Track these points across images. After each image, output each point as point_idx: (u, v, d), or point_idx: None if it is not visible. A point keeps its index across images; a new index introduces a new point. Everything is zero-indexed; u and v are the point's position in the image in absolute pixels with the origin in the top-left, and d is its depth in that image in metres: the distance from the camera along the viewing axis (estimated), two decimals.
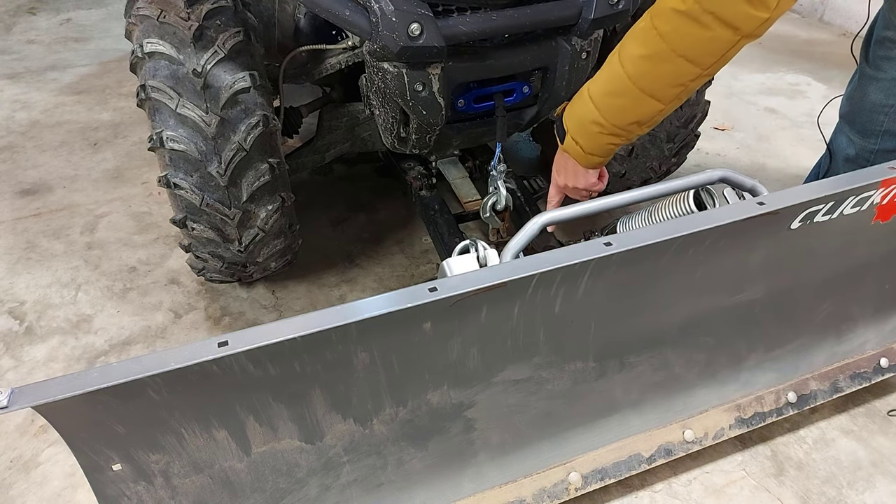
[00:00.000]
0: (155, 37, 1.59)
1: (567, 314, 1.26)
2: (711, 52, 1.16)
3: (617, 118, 1.28)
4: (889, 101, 1.80)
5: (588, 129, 1.33)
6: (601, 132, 1.31)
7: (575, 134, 1.36)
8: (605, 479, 1.44)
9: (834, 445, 1.64)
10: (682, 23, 1.14)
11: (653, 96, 1.24)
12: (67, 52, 3.82)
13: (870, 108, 1.85)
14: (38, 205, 2.53)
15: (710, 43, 1.14)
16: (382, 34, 1.41)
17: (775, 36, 4.20)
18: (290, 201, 1.76)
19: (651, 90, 1.23)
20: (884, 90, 1.81)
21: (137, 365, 0.96)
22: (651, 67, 1.20)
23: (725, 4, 1.09)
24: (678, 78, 1.20)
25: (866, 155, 1.91)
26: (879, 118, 1.84)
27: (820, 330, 1.62)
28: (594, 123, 1.31)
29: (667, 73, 1.20)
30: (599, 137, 1.32)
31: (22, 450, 1.64)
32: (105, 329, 1.99)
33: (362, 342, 1.09)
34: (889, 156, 1.86)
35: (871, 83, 1.83)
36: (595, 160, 1.40)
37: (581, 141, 1.36)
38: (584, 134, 1.34)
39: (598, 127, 1.31)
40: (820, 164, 2.16)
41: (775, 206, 1.27)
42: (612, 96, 1.27)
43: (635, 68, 1.22)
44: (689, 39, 1.15)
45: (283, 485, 1.22)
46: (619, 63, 1.24)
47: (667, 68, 1.19)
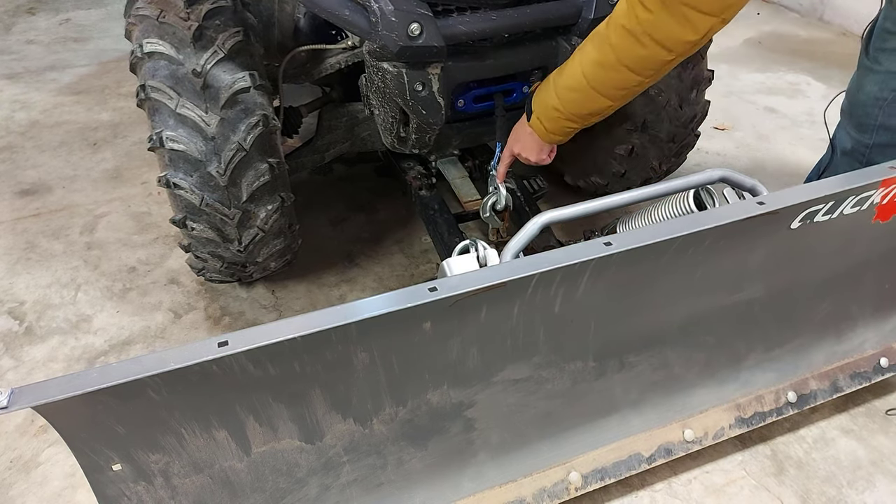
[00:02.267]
0: (154, 37, 1.59)
1: (567, 314, 1.26)
2: (650, 66, 1.35)
3: (573, 108, 1.49)
4: (884, 95, 1.79)
5: (550, 114, 1.53)
6: (560, 117, 1.52)
7: (539, 115, 1.56)
8: (605, 478, 1.44)
9: (834, 445, 1.64)
10: (627, 39, 1.32)
11: (603, 95, 1.43)
12: (67, 53, 3.82)
13: (865, 101, 1.84)
14: (37, 205, 2.53)
15: (648, 59, 1.33)
16: (382, 34, 1.41)
17: (775, 35, 4.20)
18: (289, 201, 1.76)
19: (601, 90, 1.42)
20: (879, 83, 1.79)
21: (137, 365, 0.96)
22: (602, 72, 1.40)
23: (660, 29, 1.27)
24: (623, 83, 1.40)
25: (862, 149, 1.90)
26: (874, 111, 1.82)
27: (820, 329, 1.62)
28: (555, 109, 1.51)
29: (614, 79, 1.39)
30: (559, 121, 1.53)
31: (22, 450, 1.64)
32: (105, 329, 1.99)
33: (362, 342, 1.09)
34: (884, 150, 1.86)
35: (868, 75, 1.82)
36: (555, 138, 1.60)
37: (544, 121, 1.56)
38: (546, 117, 1.54)
39: (558, 113, 1.51)
40: (821, 161, 2.16)
41: (775, 205, 1.27)
42: (570, 90, 1.47)
43: (589, 71, 1.41)
44: (632, 54, 1.33)
45: (283, 485, 1.22)
46: (579, 63, 1.44)
47: (614, 75, 1.38)
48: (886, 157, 1.84)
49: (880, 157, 1.86)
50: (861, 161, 1.92)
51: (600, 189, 2.36)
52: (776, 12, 4.58)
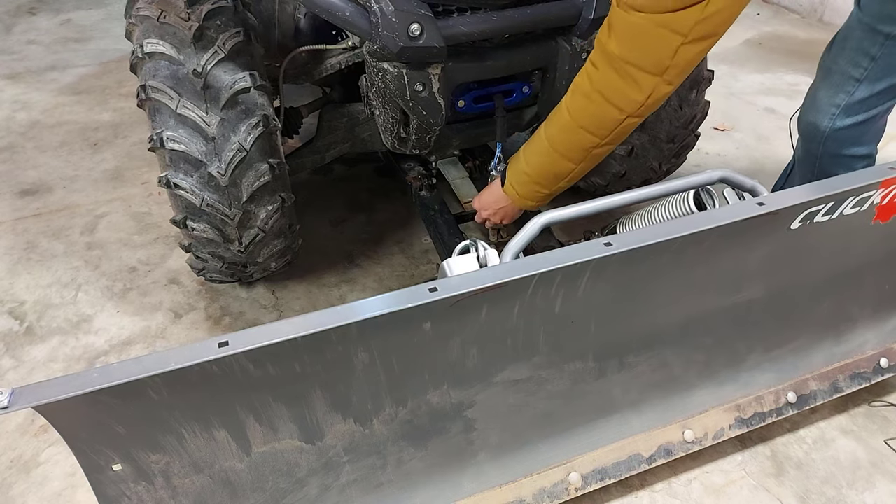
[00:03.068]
0: (155, 37, 1.59)
1: (567, 314, 1.26)
2: (604, 126, 1.39)
3: (539, 171, 1.57)
4: (836, 101, 1.73)
5: (520, 178, 1.61)
6: (529, 181, 1.60)
7: (512, 180, 1.64)
8: (605, 479, 1.44)
9: (833, 445, 1.64)
10: (580, 98, 1.39)
11: (565, 157, 1.49)
12: (67, 53, 3.82)
13: (818, 107, 1.77)
14: (38, 205, 2.53)
15: (600, 117, 1.38)
16: (382, 34, 1.41)
17: (775, 36, 4.20)
18: (290, 201, 1.76)
19: (563, 152, 1.49)
20: (834, 86, 1.73)
21: (137, 365, 0.96)
22: (561, 134, 1.47)
23: (607, 86, 1.33)
24: (581, 144, 1.45)
25: (812, 159, 1.85)
26: (823, 121, 1.76)
27: (819, 330, 1.63)
28: (524, 173, 1.60)
29: (572, 140, 1.46)
30: (529, 185, 1.61)
31: (22, 450, 1.64)
32: (105, 329, 1.99)
33: (362, 342, 1.10)
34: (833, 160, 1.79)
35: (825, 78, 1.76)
36: (527, 203, 1.67)
37: (517, 186, 1.63)
38: (518, 181, 1.63)
39: (527, 177, 1.59)
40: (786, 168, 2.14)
41: (775, 206, 1.27)
42: (536, 154, 1.56)
43: (552, 133, 1.50)
44: (585, 113, 1.40)
45: (283, 485, 1.22)
46: (544, 127, 1.53)
47: (572, 136, 1.45)
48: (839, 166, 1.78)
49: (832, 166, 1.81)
50: (812, 171, 1.87)
51: (600, 189, 2.36)
52: (776, 13, 4.59)
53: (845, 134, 1.75)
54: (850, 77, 1.70)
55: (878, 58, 1.64)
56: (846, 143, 1.77)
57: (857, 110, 1.72)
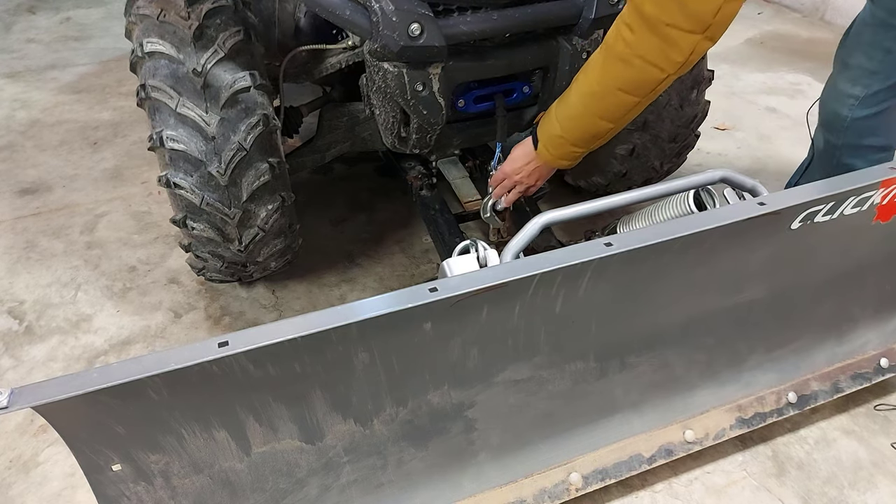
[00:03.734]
0: (155, 36, 1.58)
1: (568, 314, 1.25)
2: (644, 87, 1.36)
3: (575, 134, 1.51)
4: (854, 91, 1.78)
5: (555, 142, 1.56)
6: (565, 143, 1.54)
7: (545, 143, 1.58)
8: (605, 479, 1.43)
9: (835, 445, 1.63)
10: (617, 63, 1.35)
11: (602, 118, 1.45)
12: (67, 51, 3.82)
13: (836, 97, 1.83)
14: (37, 204, 2.53)
15: (640, 80, 1.35)
16: (383, 34, 1.41)
17: (776, 35, 4.20)
18: (290, 201, 1.76)
19: (601, 115, 1.45)
20: (851, 79, 1.78)
21: (137, 365, 0.96)
22: (597, 101, 1.43)
23: (647, 49, 1.29)
24: (621, 106, 1.42)
25: (831, 150, 1.89)
26: (843, 112, 1.81)
27: (821, 330, 1.62)
28: (559, 137, 1.54)
29: (611, 103, 1.42)
30: (564, 147, 1.55)
31: (22, 450, 1.63)
32: (105, 329, 1.99)
33: (363, 342, 1.09)
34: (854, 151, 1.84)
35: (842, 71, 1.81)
36: (563, 163, 1.62)
37: (551, 150, 1.58)
38: (552, 145, 1.57)
39: (563, 140, 1.54)
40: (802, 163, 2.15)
41: (776, 206, 1.27)
42: (570, 119, 1.50)
43: (586, 100, 1.45)
44: (624, 77, 1.36)
45: (283, 485, 1.22)
46: (576, 92, 1.47)
47: (611, 99, 1.41)
48: (857, 157, 1.84)
49: (850, 157, 1.86)
50: (832, 163, 1.91)
51: (601, 189, 2.36)
52: (777, 12, 4.58)
53: (864, 124, 1.80)
54: (867, 70, 1.75)
55: (893, 51, 1.70)
56: (865, 133, 1.82)
57: (875, 102, 1.77)
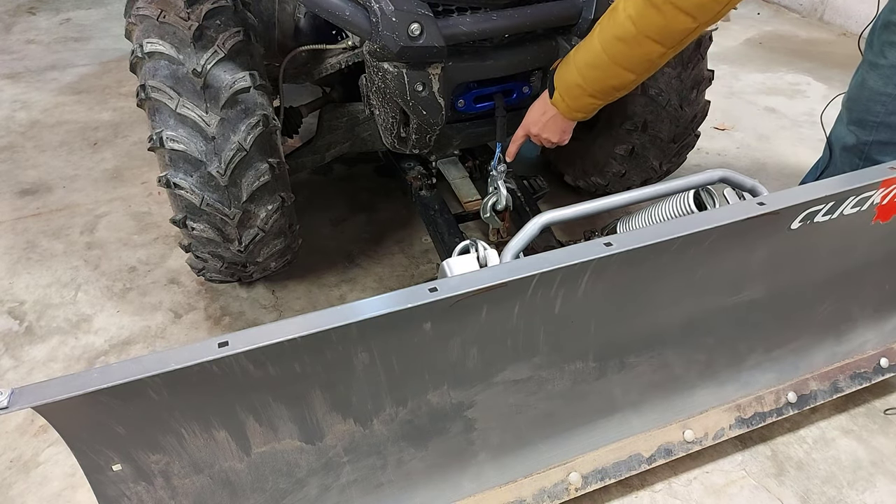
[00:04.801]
0: (155, 37, 1.59)
1: (567, 314, 1.26)
2: (673, 35, 1.32)
3: (596, 85, 1.46)
4: (888, 90, 1.78)
5: (573, 92, 1.51)
6: (583, 94, 1.49)
7: (562, 92, 1.53)
8: (605, 479, 1.44)
9: (834, 445, 1.64)
10: (646, 10, 1.29)
11: (626, 69, 1.40)
12: (67, 52, 3.82)
13: (867, 96, 1.83)
14: (37, 205, 2.53)
15: (670, 27, 1.30)
16: (382, 34, 1.41)
17: (776, 35, 4.20)
18: (290, 201, 1.76)
19: (625, 65, 1.39)
20: (884, 78, 1.79)
21: (137, 365, 0.96)
22: (624, 48, 1.36)
23: None
24: (648, 56, 1.37)
25: (861, 146, 1.90)
26: (876, 108, 1.82)
27: (820, 330, 1.62)
28: (577, 87, 1.48)
29: (637, 52, 1.36)
30: (582, 98, 1.51)
31: (22, 450, 1.64)
32: (105, 329, 1.99)
33: (362, 342, 1.09)
34: (884, 147, 1.85)
35: (872, 70, 1.82)
36: (577, 115, 1.58)
37: (567, 100, 1.53)
38: (569, 95, 1.52)
39: (581, 90, 1.49)
40: (819, 163, 2.16)
41: (775, 206, 1.27)
42: (592, 68, 1.44)
43: (611, 47, 1.38)
44: (653, 24, 1.30)
45: (283, 485, 1.22)
46: (598, 40, 1.40)
47: (637, 48, 1.35)
48: (886, 154, 1.85)
49: (880, 154, 1.87)
50: (861, 157, 1.92)
51: (600, 189, 2.36)
52: (776, 12, 4.58)
53: None
54: None
55: None
56: None
57: None
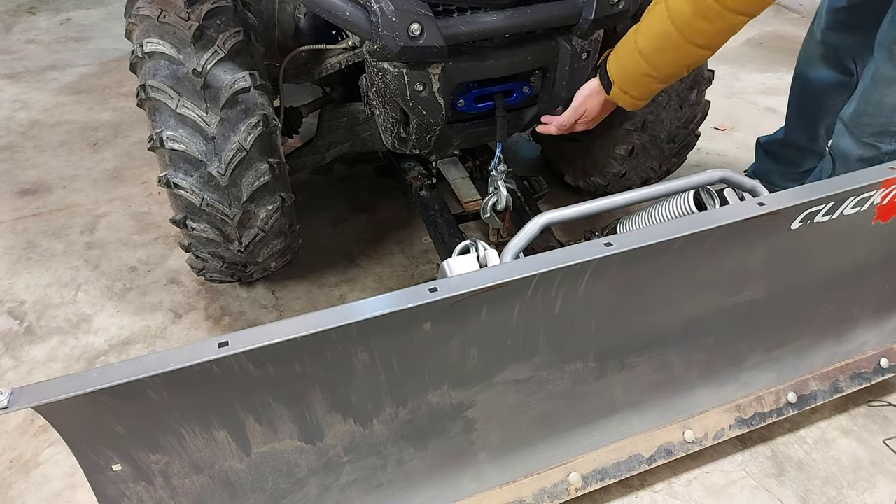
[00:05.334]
0: (155, 36, 1.59)
1: (567, 314, 1.26)
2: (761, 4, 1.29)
3: (668, 69, 1.42)
4: None
5: (640, 81, 1.46)
6: (653, 82, 1.45)
7: (624, 85, 1.49)
8: (605, 479, 1.44)
9: (834, 445, 1.64)
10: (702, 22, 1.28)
11: (703, 47, 1.36)
12: (67, 52, 3.82)
13: (889, 109, 1.80)
14: (37, 204, 2.53)
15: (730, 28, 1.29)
16: (383, 34, 1.41)
17: (776, 36, 4.20)
18: (290, 201, 1.76)
19: (703, 42, 1.35)
20: None
21: (137, 365, 0.96)
22: (705, 24, 1.31)
23: None
24: (731, 28, 1.33)
25: (881, 156, 1.86)
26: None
27: (820, 330, 1.62)
28: (646, 76, 1.44)
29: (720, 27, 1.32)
30: (650, 86, 1.47)
31: (22, 450, 1.64)
32: (105, 329, 1.99)
33: (362, 342, 1.09)
34: None
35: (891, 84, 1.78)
36: (640, 104, 1.54)
37: (631, 91, 1.49)
38: (635, 85, 1.48)
39: (650, 79, 1.44)
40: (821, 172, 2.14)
41: (775, 206, 1.27)
42: (664, 52, 1.39)
43: (689, 26, 1.33)
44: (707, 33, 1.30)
45: (283, 485, 1.22)
46: (671, 22, 1.34)
47: (720, 23, 1.31)
48: None
49: None
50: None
51: (600, 189, 2.36)
52: (777, 13, 4.58)
53: None
54: None
55: None
56: None
57: None
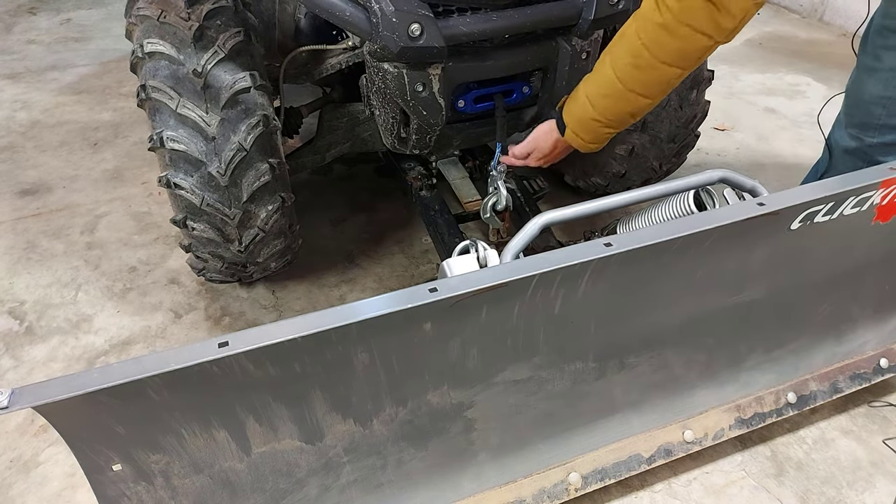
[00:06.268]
0: (155, 37, 1.59)
1: (567, 314, 1.26)
2: (690, 56, 1.32)
3: (611, 114, 1.46)
4: (887, 93, 1.78)
5: (588, 125, 1.51)
6: (599, 126, 1.49)
7: (576, 129, 1.54)
8: (605, 479, 1.44)
9: (833, 445, 1.64)
10: (661, 34, 1.29)
11: (642, 95, 1.40)
12: (68, 52, 3.82)
13: (868, 100, 1.83)
14: (38, 205, 2.53)
15: (687, 49, 1.31)
16: (383, 34, 1.41)
17: (775, 36, 4.20)
18: (290, 201, 1.76)
19: (640, 91, 1.40)
20: (882, 81, 1.78)
21: (137, 365, 0.96)
22: (639, 74, 1.36)
23: (695, 16, 1.25)
24: (663, 79, 1.37)
25: (865, 148, 1.89)
26: (877, 111, 1.82)
27: (820, 330, 1.62)
28: (593, 120, 1.49)
29: (652, 77, 1.36)
30: (598, 130, 1.51)
31: (22, 450, 1.64)
32: (105, 329, 1.99)
33: (362, 342, 1.09)
34: (887, 149, 1.85)
35: (870, 75, 1.81)
36: (592, 147, 1.58)
37: (582, 134, 1.54)
38: (584, 129, 1.52)
39: (597, 122, 1.49)
40: (819, 164, 2.16)
41: (775, 206, 1.27)
42: (606, 98, 1.44)
43: (624, 74, 1.38)
44: (669, 49, 1.31)
45: (283, 485, 1.22)
46: (611, 69, 1.40)
47: (652, 73, 1.35)
48: (890, 155, 1.85)
49: (883, 155, 1.87)
50: (864, 160, 1.92)
51: (600, 189, 2.36)
52: (776, 13, 4.58)
53: None
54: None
55: None
56: None
57: None
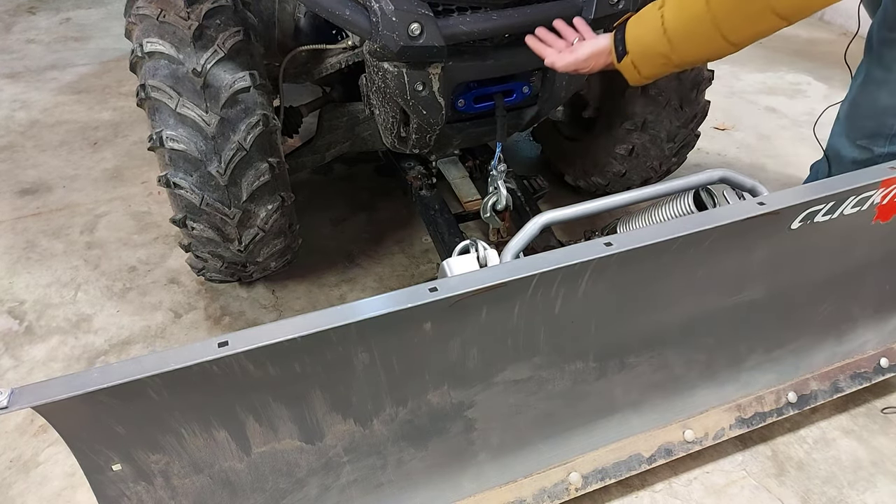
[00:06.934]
0: (155, 36, 1.58)
1: (567, 314, 1.25)
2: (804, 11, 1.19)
3: (688, 56, 1.31)
4: None
5: (654, 61, 1.34)
6: (668, 65, 1.33)
7: (637, 59, 1.36)
8: (605, 479, 1.43)
9: (834, 445, 1.63)
10: None
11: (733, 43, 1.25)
12: (67, 52, 3.82)
13: (880, 110, 1.81)
14: (37, 204, 2.53)
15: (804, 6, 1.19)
16: (382, 34, 1.41)
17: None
18: (290, 201, 1.76)
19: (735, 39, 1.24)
20: (894, 93, 1.77)
21: (137, 365, 0.96)
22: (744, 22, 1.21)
23: None
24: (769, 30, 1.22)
25: (875, 158, 1.87)
26: (890, 121, 1.80)
27: (820, 330, 1.62)
28: (662, 56, 1.32)
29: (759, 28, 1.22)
30: (663, 68, 1.35)
31: (22, 450, 1.63)
32: (105, 329, 1.99)
33: (362, 342, 1.09)
34: None
35: (880, 85, 1.80)
36: (644, 82, 1.42)
37: (642, 67, 1.36)
38: (647, 63, 1.35)
39: (665, 59, 1.32)
40: (818, 170, 2.15)
41: (775, 206, 1.27)
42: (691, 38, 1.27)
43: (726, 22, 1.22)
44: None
45: (283, 485, 1.22)
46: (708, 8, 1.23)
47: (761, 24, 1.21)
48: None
49: None
50: None
51: (600, 189, 2.36)
52: None
53: None
54: None
55: None
56: None
57: None
